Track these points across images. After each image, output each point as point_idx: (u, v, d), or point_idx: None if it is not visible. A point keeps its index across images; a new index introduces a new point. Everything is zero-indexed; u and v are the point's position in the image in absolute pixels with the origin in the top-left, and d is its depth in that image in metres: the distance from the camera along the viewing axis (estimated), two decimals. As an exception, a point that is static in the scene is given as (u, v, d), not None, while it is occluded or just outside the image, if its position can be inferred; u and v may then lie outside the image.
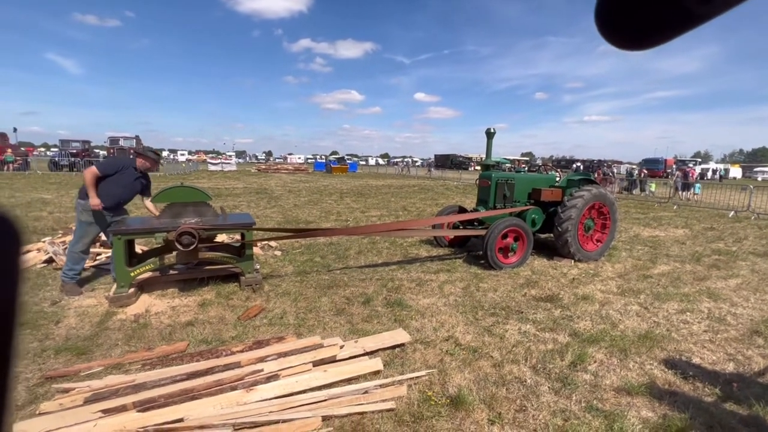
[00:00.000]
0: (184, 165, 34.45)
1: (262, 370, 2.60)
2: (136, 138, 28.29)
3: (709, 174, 37.24)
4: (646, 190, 18.89)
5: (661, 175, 31.88)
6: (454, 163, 54.28)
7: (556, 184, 6.51)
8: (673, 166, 35.37)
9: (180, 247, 3.77)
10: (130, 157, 4.41)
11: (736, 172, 46.22)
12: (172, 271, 4.44)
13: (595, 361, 2.99)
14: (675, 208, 13.59)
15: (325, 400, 2.39)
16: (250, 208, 10.80)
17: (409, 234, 6.13)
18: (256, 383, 2.48)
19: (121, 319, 3.56)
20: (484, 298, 4.25)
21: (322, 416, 2.23)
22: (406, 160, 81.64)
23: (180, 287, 4.31)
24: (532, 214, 5.95)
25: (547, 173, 17.02)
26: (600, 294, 4.51)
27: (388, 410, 2.33)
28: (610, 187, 18.17)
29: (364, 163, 76.72)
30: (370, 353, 2.96)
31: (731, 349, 3.27)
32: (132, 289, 3.88)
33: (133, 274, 3.88)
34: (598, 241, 6.07)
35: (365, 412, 2.30)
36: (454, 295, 4.35)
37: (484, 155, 6.65)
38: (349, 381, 2.63)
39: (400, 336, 3.23)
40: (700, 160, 59.83)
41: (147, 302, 3.92)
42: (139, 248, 4.98)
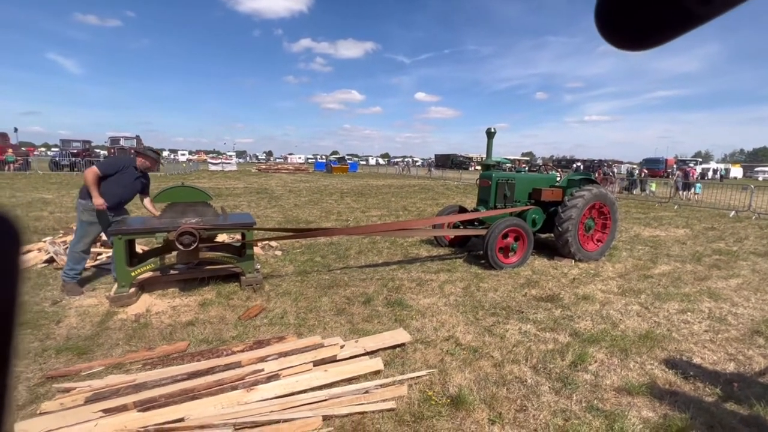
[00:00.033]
0: (184, 165, 34.47)
1: (263, 370, 2.60)
2: (137, 138, 28.28)
3: (710, 174, 37.16)
4: (646, 190, 18.88)
5: (662, 175, 31.84)
6: (455, 162, 54.23)
7: (557, 183, 6.51)
8: (674, 166, 35.31)
9: (181, 247, 3.78)
10: (131, 156, 4.42)
11: (736, 171, 46.14)
12: (172, 271, 4.45)
13: (595, 361, 2.99)
14: (676, 207, 13.58)
15: (325, 400, 2.39)
16: (250, 208, 10.80)
17: (409, 234, 6.13)
18: (257, 383, 2.48)
19: (121, 318, 3.57)
20: (485, 298, 4.25)
21: (322, 416, 2.23)
22: (406, 160, 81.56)
23: (180, 287, 4.31)
24: (533, 214, 5.95)
25: (548, 173, 17.01)
26: (600, 294, 4.51)
27: (388, 410, 2.33)
28: (610, 186, 18.15)
29: (364, 162, 76.73)
30: (371, 353, 2.96)
31: (732, 349, 3.27)
32: (133, 289, 3.89)
33: (133, 274, 3.89)
34: (598, 241, 6.07)
35: (366, 412, 2.30)
36: (454, 294, 4.35)
37: (484, 155, 6.65)
38: (349, 381, 2.63)
39: (401, 336, 3.23)
40: (700, 159, 59.74)
41: (148, 302, 3.92)
42: (140, 248, 4.99)
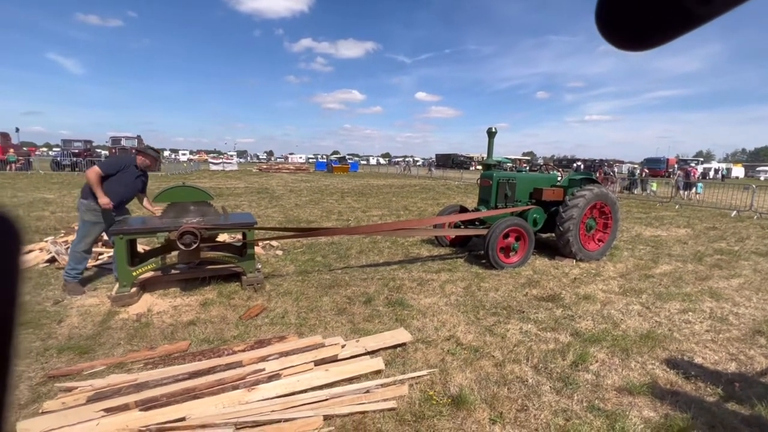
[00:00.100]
0: (185, 165, 34.52)
1: (264, 370, 2.61)
2: (138, 138, 28.31)
3: (711, 173, 37.10)
4: (647, 190, 18.85)
5: (663, 175, 31.79)
6: (456, 162, 54.18)
7: (558, 183, 6.50)
8: (675, 166, 35.24)
9: (182, 247, 3.78)
10: (131, 155, 4.43)
11: (738, 171, 46.01)
12: (173, 271, 4.46)
13: (596, 361, 2.99)
14: (677, 207, 13.55)
15: (326, 400, 2.39)
16: (251, 208, 10.82)
17: (410, 233, 6.13)
18: (258, 382, 2.48)
19: (123, 318, 3.58)
20: (486, 298, 4.25)
21: (323, 415, 2.23)
22: (407, 159, 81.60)
23: (182, 287, 4.32)
24: (534, 214, 5.94)
25: (549, 173, 16.99)
26: (602, 294, 4.50)
27: (389, 410, 2.34)
28: (611, 186, 18.14)
29: (365, 162, 76.74)
30: (372, 353, 2.97)
31: (733, 349, 3.26)
32: (134, 289, 3.90)
33: (135, 274, 3.90)
34: (599, 240, 6.06)
35: (367, 412, 2.31)
36: (455, 294, 4.35)
37: (485, 155, 6.64)
38: (350, 380, 2.63)
39: (402, 335, 3.23)
40: (702, 159, 59.60)
41: (149, 302, 3.93)
42: (141, 248, 5.00)
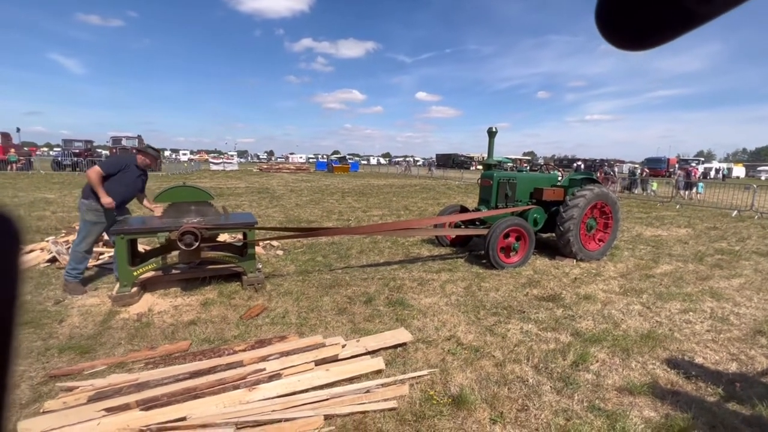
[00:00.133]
0: (186, 165, 34.53)
1: (265, 369, 2.61)
2: (139, 138, 28.32)
3: (712, 173, 37.08)
4: (647, 189, 18.83)
5: (663, 175, 31.78)
6: (456, 162, 54.19)
7: (558, 183, 6.50)
8: (675, 165, 35.23)
9: (182, 247, 3.78)
10: (132, 154, 4.43)
11: (739, 171, 45.98)
12: (174, 271, 4.46)
13: (597, 361, 2.99)
14: (677, 207, 13.54)
15: (327, 399, 2.39)
16: (251, 208, 10.82)
17: (410, 233, 6.13)
18: (259, 382, 2.49)
19: (124, 318, 3.58)
20: (486, 298, 4.25)
21: (324, 415, 2.23)
22: (407, 159, 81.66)
23: (182, 286, 4.32)
24: (534, 214, 5.94)
25: (549, 172, 16.99)
26: (602, 293, 4.50)
27: (390, 409, 2.34)
28: (612, 186, 18.12)
29: (365, 162, 76.78)
30: (372, 352, 2.97)
31: (734, 349, 3.26)
32: (135, 289, 3.90)
33: (135, 274, 3.90)
34: (600, 240, 6.05)
35: (367, 412, 2.31)
36: (455, 294, 4.35)
37: (485, 154, 6.64)
38: (351, 380, 2.63)
39: (402, 335, 3.23)
40: (703, 159, 59.55)
41: (150, 301, 3.93)
42: (142, 248, 5.00)
